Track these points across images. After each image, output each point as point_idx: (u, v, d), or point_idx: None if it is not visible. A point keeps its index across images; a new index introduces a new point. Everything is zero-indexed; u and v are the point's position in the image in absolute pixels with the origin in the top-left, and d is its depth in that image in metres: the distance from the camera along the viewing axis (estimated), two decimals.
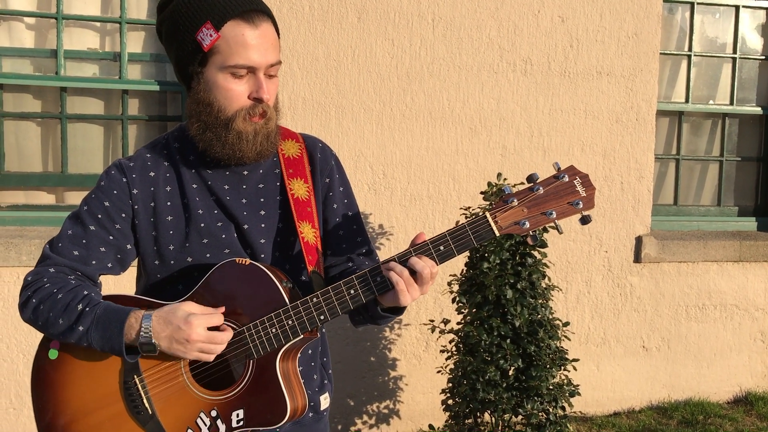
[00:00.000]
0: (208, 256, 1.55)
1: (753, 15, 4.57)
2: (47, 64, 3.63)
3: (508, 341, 3.06)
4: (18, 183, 3.63)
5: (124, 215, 1.55)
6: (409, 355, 3.89)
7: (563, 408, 3.14)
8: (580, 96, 3.98)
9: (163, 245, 1.56)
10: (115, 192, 1.54)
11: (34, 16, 3.62)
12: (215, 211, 1.57)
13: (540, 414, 3.09)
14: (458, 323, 3.31)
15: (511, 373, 3.10)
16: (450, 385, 3.28)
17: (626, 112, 4.05)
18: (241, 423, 1.44)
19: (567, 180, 1.42)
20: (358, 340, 3.81)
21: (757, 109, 4.59)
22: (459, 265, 3.43)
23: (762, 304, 4.38)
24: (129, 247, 1.57)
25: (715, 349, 4.35)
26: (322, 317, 1.45)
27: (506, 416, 3.14)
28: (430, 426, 3.55)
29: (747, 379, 4.43)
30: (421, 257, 1.43)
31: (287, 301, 1.44)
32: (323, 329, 1.72)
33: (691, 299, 4.28)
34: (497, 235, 1.42)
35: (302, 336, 1.45)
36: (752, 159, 4.70)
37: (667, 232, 4.38)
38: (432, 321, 3.55)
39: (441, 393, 3.36)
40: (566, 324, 3.26)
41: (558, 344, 3.19)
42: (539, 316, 3.12)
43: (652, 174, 4.14)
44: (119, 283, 2.23)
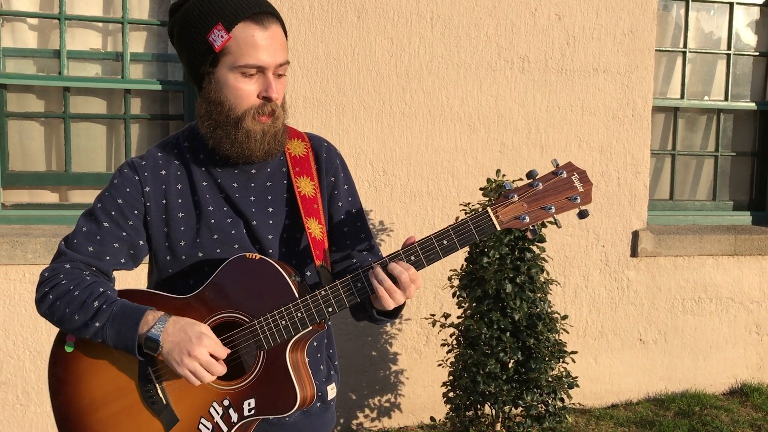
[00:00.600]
0: (218, 251, 1.60)
1: (747, 11, 4.63)
2: (50, 65, 3.67)
3: (508, 334, 3.11)
4: (22, 182, 3.68)
5: (136, 212, 1.59)
6: (410, 349, 3.94)
7: (562, 399, 3.19)
8: (576, 93, 4.03)
9: (175, 241, 1.60)
10: (128, 190, 1.59)
11: (37, 17, 3.66)
12: (225, 208, 1.62)
13: (539, 406, 3.14)
14: (458, 317, 3.36)
15: (510, 365, 3.15)
16: (451, 378, 3.33)
17: (622, 108, 4.11)
18: (252, 411, 1.49)
19: (565, 176, 1.47)
20: (360, 335, 3.86)
21: (752, 105, 4.64)
22: (459, 260, 3.48)
23: (757, 296, 4.44)
24: (141, 243, 1.61)
25: (710, 342, 4.41)
26: (330, 309, 1.49)
27: (506, 408, 3.19)
28: (432, 418, 3.61)
29: (742, 370, 4.49)
30: (398, 263, 1.46)
31: (296, 295, 1.49)
32: (329, 322, 1.77)
33: (687, 293, 4.33)
34: (498, 229, 1.47)
35: (311, 328, 1.50)
36: (747, 154, 4.75)
37: (663, 226, 4.44)
38: (432, 315, 3.60)
39: (442, 386, 3.41)
40: (564, 317, 3.31)
41: (557, 337, 3.24)
42: (538, 309, 3.17)
43: (648, 169, 4.19)
44: (127, 279, 2.28)
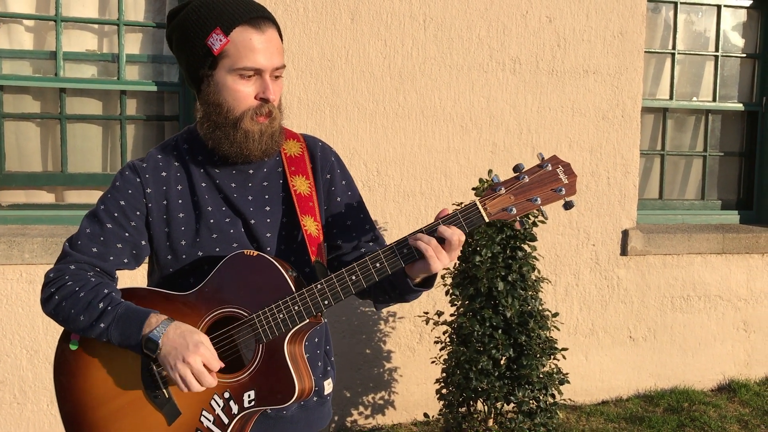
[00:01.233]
0: (217, 249, 1.65)
1: (734, 14, 4.70)
2: (46, 66, 3.70)
3: (500, 332, 3.16)
4: (19, 182, 3.70)
5: (138, 213, 1.64)
6: (404, 347, 3.99)
7: (553, 395, 3.25)
8: (567, 94, 4.08)
9: (176, 240, 1.65)
10: (130, 191, 1.63)
11: (34, 19, 3.69)
12: (223, 208, 1.66)
13: (531, 402, 3.19)
14: (451, 315, 3.41)
15: (502, 362, 3.20)
16: (444, 375, 3.37)
17: (612, 109, 4.17)
18: (252, 403, 1.54)
19: (550, 168, 1.52)
20: (354, 333, 3.90)
21: (739, 106, 4.72)
22: None
23: (744, 294, 4.51)
24: (143, 243, 1.66)
25: (699, 339, 4.48)
26: (326, 302, 1.54)
27: (498, 404, 3.25)
28: (425, 415, 3.65)
29: (730, 367, 4.56)
30: (449, 226, 1.51)
31: (293, 289, 1.54)
32: (326, 319, 1.82)
33: (676, 290, 4.40)
34: (486, 220, 1.52)
35: (308, 320, 1.55)
36: (734, 154, 4.83)
37: (653, 225, 4.50)
38: (426, 313, 3.64)
39: (435, 383, 3.46)
40: (555, 315, 3.36)
41: (548, 334, 3.29)
42: (529, 307, 3.23)
43: (637, 169, 4.25)
44: (123, 279, 2.32)
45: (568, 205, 1.52)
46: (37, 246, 3.43)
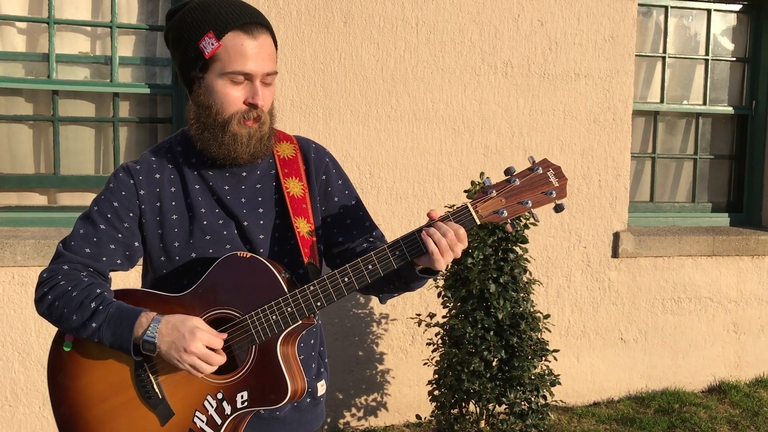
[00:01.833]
0: (210, 251, 1.66)
1: (724, 18, 4.74)
2: (39, 68, 3.70)
3: (492, 333, 3.17)
4: (11, 184, 3.70)
5: (131, 214, 1.65)
6: (396, 348, 4.00)
7: (545, 397, 3.26)
8: (559, 97, 4.11)
9: (169, 242, 1.66)
10: (123, 193, 1.65)
11: (26, 21, 3.68)
12: (217, 210, 1.68)
13: (522, 403, 3.21)
14: (444, 317, 3.42)
15: (494, 364, 3.21)
16: (436, 376, 3.38)
17: (603, 112, 4.19)
18: (245, 404, 1.55)
19: (541, 172, 1.53)
20: (347, 335, 3.91)
21: (729, 109, 4.76)
22: None
23: (734, 296, 4.55)
24: (137, 244, 1.66)
25: (690, 341, 4.50)
26: (318, 304, 1.55)
27: (490, 405, 3.26)
28: (417, 417, 3.67)
29: (720, 368, 4.59)
30: (446, 222, 1.52)
31: (286, 290, 1.55)
32: (319, 321, 1.83)
33: (667, 292, 4.42)
34: (478, 223, 1.53)
35: (301, 322, 1.56)
36: (725, 157, 4.87)
37: (644, 228, 4.53)
38: (418, 315, 3.66)
39: (427, 384, 3.47)
40: (547, 316, 3.38)
41: (539, 336, 3.31)
42: (521, 309, 3.24)
43: (628, 172, 4.28)
44: (116, 280, 2.32)
45: (558, 208, 1.53)
46: (29, 248, 3.43)
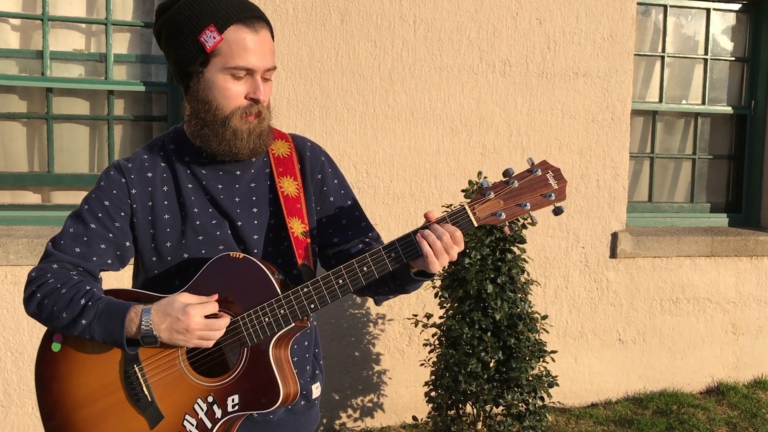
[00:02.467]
0: (203, 252, 1.63)
1: (723, 17, 4.72)
2: (33, 65, 3.66)
3: (489, 334, 3.15)
4: (4, 183, 3.66)
5: (123, 214, 1.62)
6: (393, 349, 3.98)
7: (542, 398, 3.24)
8: (557, 96, 4.08)
9: (161, 242, 1.63)
10: (115, 192, 1.61)
11: (20, 18, 3.65)
12: (210, 210, 1.64)
13: (520, 405, 3.18)
14: (440, 317, 3.40)
15: (491, 365, 3.19)
16: (433, 377, 3.36)
17: (602, 111, 4.17)
18: (236, 408, 1.52)
19: (540, 174, 1.51)
20: (343, 336, 3.88)
21: (728, 109, 4.73)
22: None
23: (733, 297, 4.53)
24: (128, 244, 1.63)
25: (688, 342, 4.48)
26: (312, 306, 1.52)
27: (487, 407, 3.24)
28: (414, 418, 3.64)
29: (719, 369, 4.57)
30: (443, 224, 1.50)
31: (279, 292, 1.52)
32: (314, 322, 1.80)
33: (665, 293, 4.40)
34: (475, 225, 1.51)
35: (294, 324, 1.53)
36: (723, 157, 4.85)
37: (642, 228, 4.51)
38: (415, 315, 3.63)
39: (424, 385, 3.45)
40: (545, 317, 3.35)
41: (537, 337, 3.28)
42: (519, 309, 3.22)
43: (627, 172, 4.26)
44: (113, 279, 2.29)
45: (557, 211, 1.51)
46: (23, 247, 3.40)
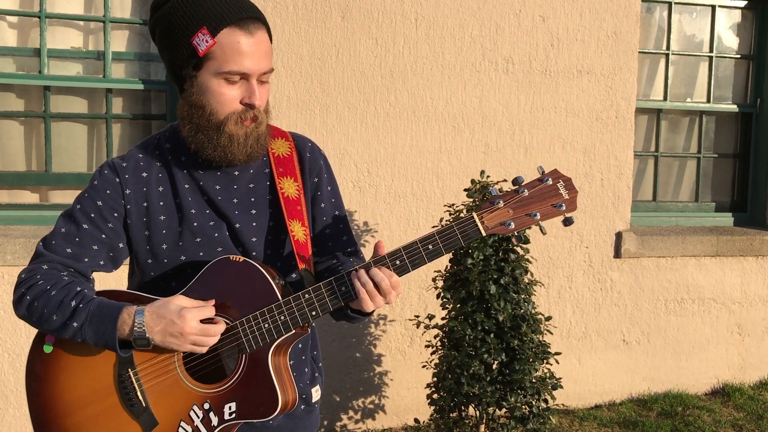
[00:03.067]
0: (201, 254, 1.58)
1: (729, 14, 4.67)
2: (30, 63, 3.62)
3: (492, 336, 3.11)
4: (1, 182, 3.62)
5: (116, 214, 1.57)
6: (394, 350, 3.93)
7: (546, 401, 3.20)
8: (560, 94, 4.04)
9: (156, 244, 1.58)
10: (108, 191, 1.57)
11: (17, 15, 3.61)
12: (207, 211, 1.60)
13: (523, 407, 3.14)
14: (443, 318, 3.36)
15: (494, 366, 3.15)
16: (435, 379, 3.32)
17: (606, 110, 4.12)
18: (233, 416, 1.48)
19: (551, 183, 1.47)
20: (344, 336, 3.84)
21: (733, 107, 4.69)
22: (443, 262, 3.47)
23: (738, 297, 4.48)
24: (121, 245, 1.59)
25: (693, 342, 4.44)
26: (313, 313, 1.48)
27: (490, 409, 3.20)
28: (416, 420, 3.60)
29: (724, 371, 4.52)
30: (381, 268, 1.46)
31: (279, 297, 1.48)
32: (313, 323, 1.76)
33: (669, 293, 4.36)
34: (484, 234, 1.47)
35: (294, 331, 1.49)
36: (729, 156, 4.80)
37: (647, 227, 4.47)
38: (417, 317, 3.59)
39: (426, 387, 3.41)
40: (548, 318, 3.31)
41: (540, 338, 3.24)
42: (522, 310, 3.18)
43: (631, 171, 4.22)
44: (105, 281, 2.25)
45: (567, 222, 1.47)
46: (20, 247, 3.35)
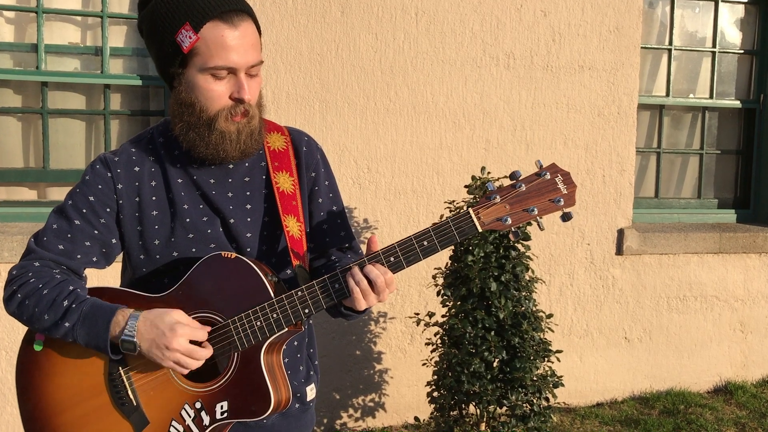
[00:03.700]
0: (193, 250, 1.56)
1: (732, 9, 4.63)
2: (28, 59, 3.60)
3: (493, 333, 3.08)
4: None
5: (108, 210, 1.55)
6: (395, 348, 3.91)
7: (547, 399, 3.17)
8: (562, 90, 4.01)
9: (149, 240, 1.56)
10: (100, 186, 1.54)
11: (14, 10, 3.59)
12: (201, 206, 1.57)
13: (524, 405, 3.12)
14: (443, 316, 3.33)
15: (495, 364, 3.13)
16: (435, 377, 3.30)
17: (608, 105, 4.09)
18: (225, 415, 1.45)
19: (549, 177, 1.44)
20: (344, 334, 3.82)
21: (736, 103, 4.65)
22: (444, 259, 3.45)
23: (741, 294, 4.45)
24: (114, 241, 1.56)
25: (695, 340, 4.41)
26: (306, 311, 1.45)
27: (491, 408, 3.17)
28: (416, 418, 3.58)
29: (726, 368, 4.49)
30: (376, 265, 1.44)
31: (272, 295, 1.45)
32: (310, 321, 1.73)
33: (672, 291, 4.33)
34: (480, 230, 1.44)
35: (287, 329, 1.46)
36: (732, 152, 4.76)
37: (649, 224, 4.43)
38: (417, 314, 3.56)
39: (426, 385, 3.38)
40: (549, 316, 3.28)
41: (541, 336, 3.21)
42: (523, 308, 3.15)
43: (633, 167, 4.18)
44: (103, 276, 2.23)
45: (566, 217, 1.44)
46: (17, 244, 3.33)
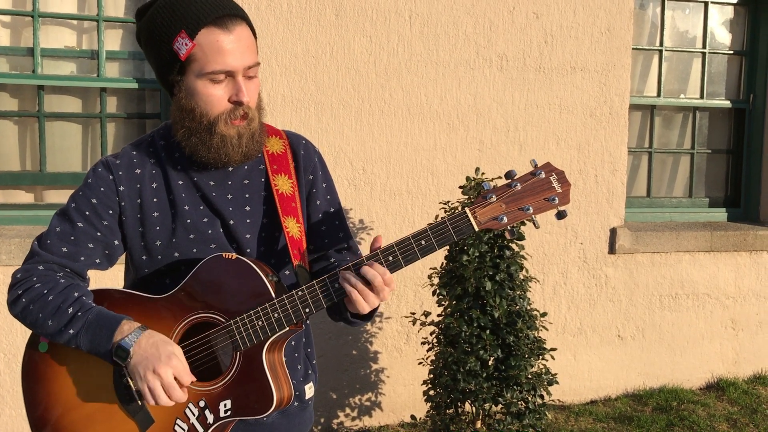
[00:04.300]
0: (194, 251, 1.58)
1: (721, 11, 4.68)
2: (24, 62, 3.61)
3: (488, 332, 3.11)
4: None
5: (111, 212, 1.57)
6: (391, 347, 3.94)
7: (542, 396, 3.21)
8: (554, 91, 4.05)
9: (150, 241, 1.58)
10: (102, 189, 1.57)
11: (10, 14, 3.60)
12: (201, 207, 1.60)
13: (519, 403, 3.15)
14: (439, 315, 3.37)
15: (490, 363, 3.16)
16: (431, 376, 3.33)
17: (600, 106, 4.13)
18: (228, 413, 1.48)
19: (543, 176, 1.46)
20: (340, 334, 3.85)
21: (726, 103, 4.70)
22: (439, 258, 3.48)
23: (732, 292, 4.50)
24: (116, 242, 1.59)
25: (687, 337, 4.46)
26: (307, 310, 1.48)
27: (486, 405, 3.20)
28: (412, 417, 3.61)
29: (718, 365, 4.54)
30: (372, 265, 1.45)
31: (273, 295, 1.48)
32: (308, 320, 1.76)
33: (664, 289, 4.38)
34: (476, 230, 1.46)
35: (288, 328, 1.49)
36: (722, 151, 4.81)
37: (641, 223, 4.48)
38: (413, 314, 3.59)
39: (422, 384, 3.41)
40: (544, 314, 3.32)
41: (536, 334, 3.25)
42: (517, 307, 3.19)
43: (625, 167, 4.23)
44: (102, 278, 2.25)
45: (561, 215, 1.47)
46: (15, 247, 3.35)
